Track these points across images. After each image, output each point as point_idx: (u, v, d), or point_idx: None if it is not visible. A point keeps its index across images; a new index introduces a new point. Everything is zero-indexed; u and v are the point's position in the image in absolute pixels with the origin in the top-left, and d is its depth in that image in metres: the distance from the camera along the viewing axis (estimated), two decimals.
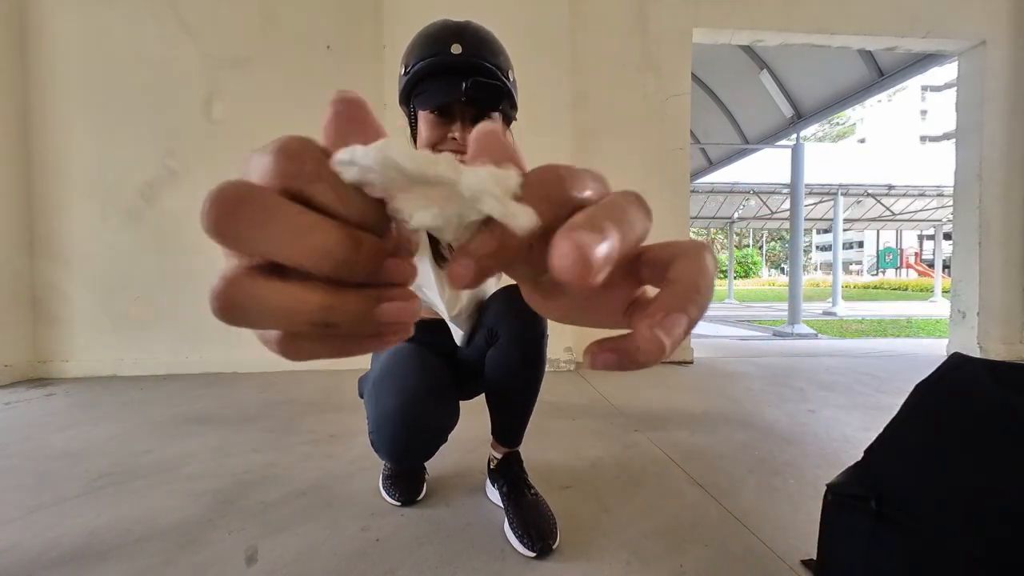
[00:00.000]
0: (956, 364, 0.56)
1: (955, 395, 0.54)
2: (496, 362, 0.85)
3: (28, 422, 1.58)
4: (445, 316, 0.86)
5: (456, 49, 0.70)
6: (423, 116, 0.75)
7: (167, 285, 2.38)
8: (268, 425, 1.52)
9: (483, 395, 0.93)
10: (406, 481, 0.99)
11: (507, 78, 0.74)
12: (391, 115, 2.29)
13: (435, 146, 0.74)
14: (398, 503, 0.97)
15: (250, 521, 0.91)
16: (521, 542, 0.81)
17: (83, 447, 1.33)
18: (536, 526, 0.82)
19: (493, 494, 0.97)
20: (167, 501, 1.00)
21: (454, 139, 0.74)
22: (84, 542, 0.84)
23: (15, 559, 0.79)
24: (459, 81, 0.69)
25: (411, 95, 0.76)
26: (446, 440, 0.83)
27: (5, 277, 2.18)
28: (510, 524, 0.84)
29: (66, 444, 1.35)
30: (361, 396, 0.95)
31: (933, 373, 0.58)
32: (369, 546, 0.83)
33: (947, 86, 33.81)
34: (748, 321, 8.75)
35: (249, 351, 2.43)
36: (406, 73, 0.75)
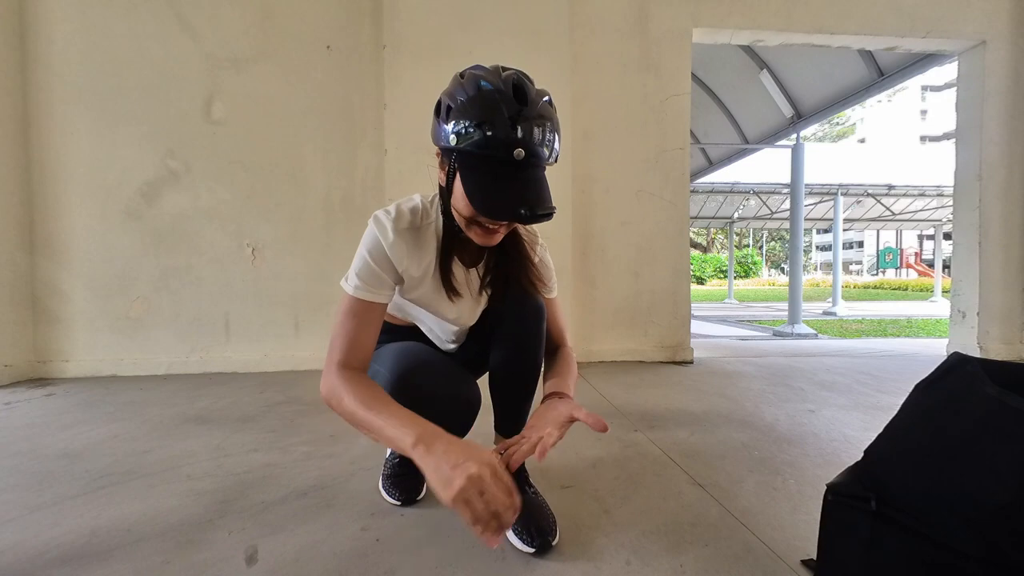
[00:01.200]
0: (955, 364, 0.56)
1: (954, 395, 0.54)
2: (500, 345, 0.88)
3: (28, 422, 1.58)
4: (444, 342, 0.97)
5: (519, 154, 0.66)
6: (463, 195, 0.71)
7: (167, 285, 2.38)
8: (268, 425, 1.52)
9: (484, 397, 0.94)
10: (406, 480, 0.99)
11: (555, 160, 0.75)
12: (390, 116, 2.29)
13: (469, 218, 0.73)
14: (398, 503, 0.96)
15: (250, 521, 0.91)
16: (520, 539, 0.81)
17: (83, 447, 1.33)
18: (536, 523, 0.82)
19: None
20: (167, 501, 1.00)
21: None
22: (84, 542, 0.84)
23: (15, 558, 0.79)
24: (515, 200, 0.67)
25: (456, 154, 0.70)
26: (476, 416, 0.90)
27: (5, 277, 2.18)
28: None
29: (66, 444, 1.35)
30: None
31: (932, 373, 0.58)
32: (369, 546, 0.83)
33: (947, 86, 33.81)
34: (748, 321, 8.75)
35: (249, 351, 2.43)
36: (457, 136, 0.68)
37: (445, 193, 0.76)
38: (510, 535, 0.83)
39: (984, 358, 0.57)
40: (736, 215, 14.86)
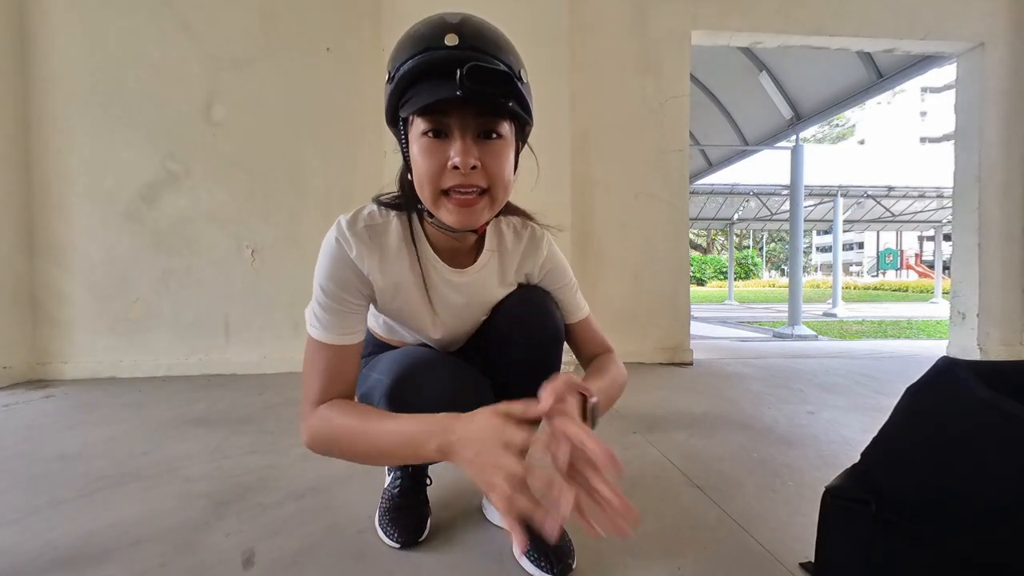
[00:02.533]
0: (944, 367, 0.56)
1: (945, 399, 0.54)
2: (509, 366, 0.77)
3: (27, 424, 1.58)
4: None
5: (451, 40, 0.56)
6: (416, 139, 0.61)
7: (166, 287, 2.38)
8: (266, 427, 1.52)
9: None
10: (407, 516, 0.86)
11: (519, 79, 0.60)
12: None
13: (435, 180, 0.60)
14: (397, 545, 0.82)
15: (247, 523, 0.91)
16: (537, 566, 0.74)
17: (81, 449, 1.33)
18: (553, 546, 0.76)
19: (493, 514, 0.90)
20: (164, 503, 1.00)
21: (455, 168, 0.59)
22: (81, 544, 0.84)
23: (12, 561, 0.79)
24: (454, 84, 0.55)
25: (399, 107, 0.61)
26: None
27: (5, 279, 2.18)
28: (521, 547, 0.77)
29: (64, 446, 1.35)
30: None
31: (921, 377, 0.58)
32: (367, 549, 0.82)
33: (946, 88, 33.87)
34: (748, 322, 8.75)
35: (247, 352, 2.43)
36: (391, 80, 0.60)
37: (406, 179, 0.67)
38: (525, 563, 0.76)
39: (972, 360, 0.57)
40: (736, 216, 14.86)
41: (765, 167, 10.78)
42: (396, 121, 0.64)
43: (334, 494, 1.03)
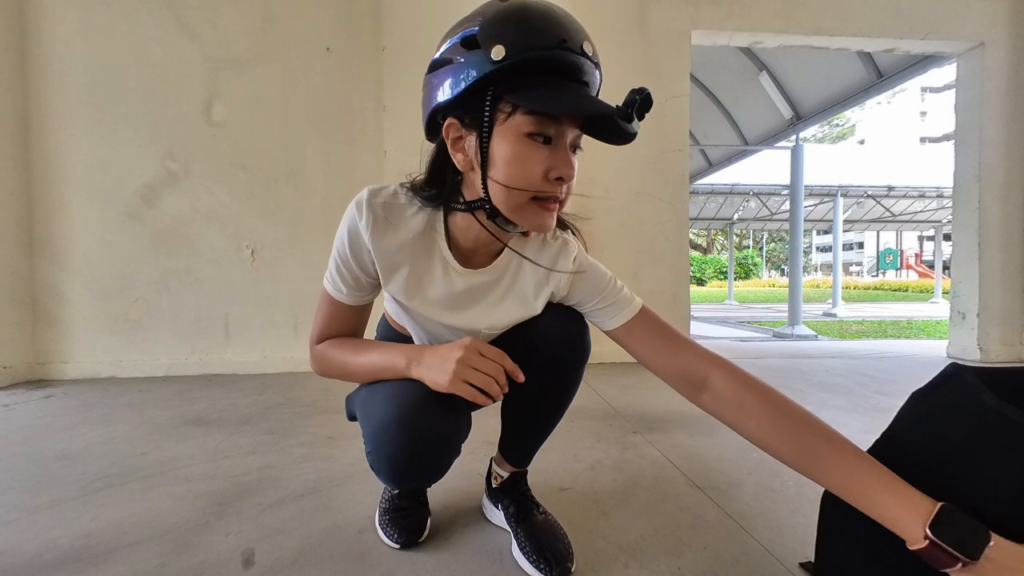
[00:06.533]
0: (952, 373, 0.56)
1: (952, 405, 0.54)
2: (533, 378, 0.70)
3: (27, 424, 1.58)
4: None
5: (588, 48, 0.55)
6: (515, 137, 0.57)
7: (167, 287, 2.38)
8: (266, 427, 1.52)
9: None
10: (407, 517, 0.86)
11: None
12: (390, 117, 2.30)
13: (534, 186, 0.58)
14: (397, 545, 0.82)
15: (247, 523, 0.91)
16: (536, 567, 0.74)
17: (81, 449, 1.33)
18: (552, 549, 0.76)
19: (493, 515, 0.90)
20: (164, 503, 1.00)
21: (559, 180, 0.58)
22: (81, 544, 0.84)
23: (12, 561, 0.79)
24: (588, 88, 0.56)
25: (500, 86, 0.55)
26: (458, 454, 0.72)
27: (5, 278, 2.18)
28: (521, 548, 0.78)
29: (64, 446, 1.35)
30: (351, 418, 0.81)
31: (929, 382, 0.58)
32: (367, 549, 0.82)
33: (946, 87, 33.88)
34: (748, 322, 8.75)
35: (247, 352, 2.43)
36: (501, 60, 0.53)
37: (451, 179, 0.65)
38: (522, 561, 0.76)
39: (980, 366, 0.57)
40: (736, 216, 14.87)
41: (765, 167, 10.79)
42: (468, 100, 0.57)
43: (334, 494, 1.03)
